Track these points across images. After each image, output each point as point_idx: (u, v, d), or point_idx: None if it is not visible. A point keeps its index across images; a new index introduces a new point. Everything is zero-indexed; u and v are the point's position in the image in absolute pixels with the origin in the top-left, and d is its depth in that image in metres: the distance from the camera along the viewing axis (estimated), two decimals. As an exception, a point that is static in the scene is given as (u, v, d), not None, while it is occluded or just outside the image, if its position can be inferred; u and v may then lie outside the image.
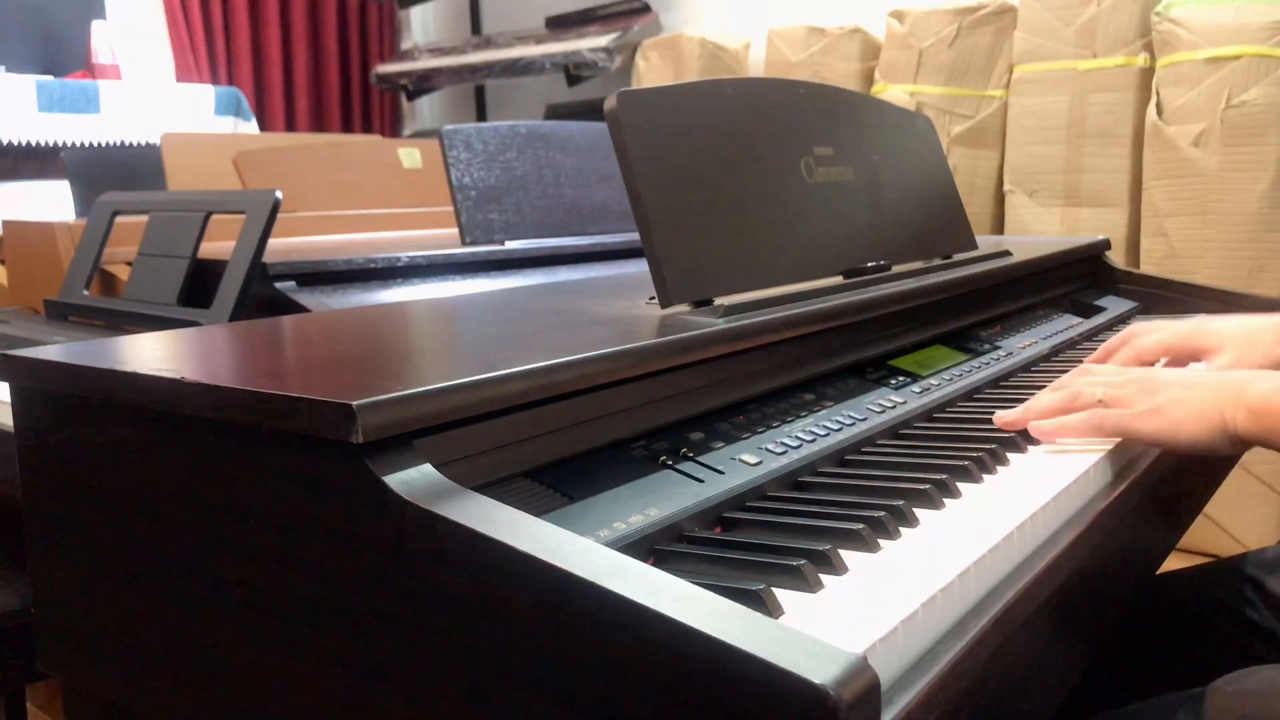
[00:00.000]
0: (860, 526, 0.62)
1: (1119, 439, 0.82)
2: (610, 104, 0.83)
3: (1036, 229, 2.61)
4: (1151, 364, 1.02)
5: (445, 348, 0.82)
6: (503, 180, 1.37)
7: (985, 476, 0.75)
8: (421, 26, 4.68)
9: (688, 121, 0.88)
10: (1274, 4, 2.20)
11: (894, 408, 0.89)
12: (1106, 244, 1.55)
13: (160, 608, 0.65)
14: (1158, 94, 2.36)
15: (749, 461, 0.72)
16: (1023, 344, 1.16)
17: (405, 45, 4.50)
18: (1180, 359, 1.00)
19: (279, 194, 1.17)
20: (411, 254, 1.23)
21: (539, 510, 0.58)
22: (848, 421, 0.83)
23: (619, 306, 0.89)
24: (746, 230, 0.89)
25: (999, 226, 2.73)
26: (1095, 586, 0.77)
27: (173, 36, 3.85)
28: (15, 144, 2.87)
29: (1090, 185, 2.53)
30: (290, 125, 4.23)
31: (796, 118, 1.01)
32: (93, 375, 0.66)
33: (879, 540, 0.63)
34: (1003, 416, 0.84)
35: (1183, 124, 2.30)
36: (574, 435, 0.67)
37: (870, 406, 0.88)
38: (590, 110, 3.47)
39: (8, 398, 0.73)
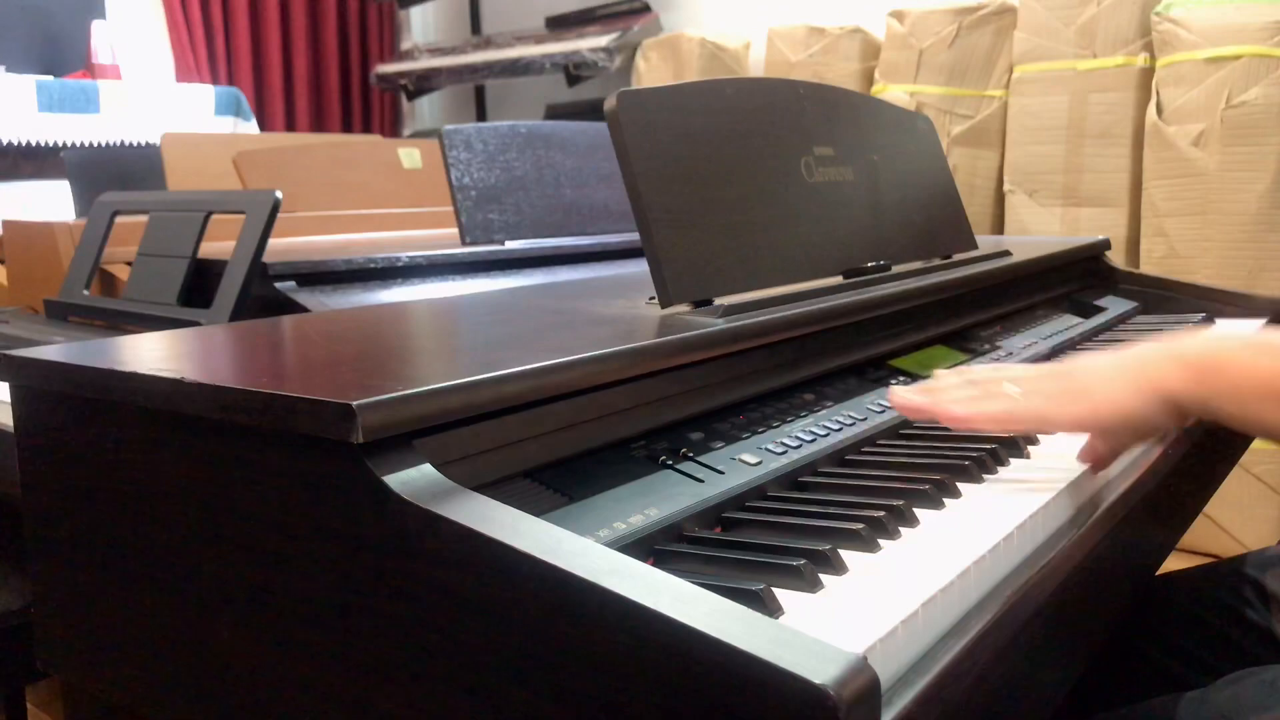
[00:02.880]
0: (860, 526, 0.62)
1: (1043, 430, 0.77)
2: (610, 104, 0.83)
3: (1036, 229, 2.61)
4: None
5: (445, 348, 0.82)
6: (503, 180, 1.37)
7: (985, 476, 0.75)
8: (421, 26, 4.68)
9: (688, 121, 0.88)
10: (1274, 4, 2.20)
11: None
12: (1106, 244, 1.55)
13: (160, 607, 0.65)
14: (1158, 94, 2.36)
15: (749, 461, 0.72)
16: (1023, 344, 1.16)
17: (405, 45, 4.50)
18: None
19: (279, 194, 1.17)
20: (411, 254, 1.23)
21: (539, 510, 0.58)
22: (848, 421, 0.83)
23: (619, 306, 0.89)
24: (746, 230, 0.89)
25: (999, 226, 2.73)
26: (1095, 586, 0.76)
27: (173, 36, 3.85)
28: (15, 144, 2.87)
29: (1090, 185, 2.53)
30: (290, 125, 4.23)
31: (796, 118, 1.01)
32: (93, 375, 0.66)
33: (879, 540, 0.62)
34: (905, 398, 0.77)
35: (1183, 124, 2.30)
36: (574, 435, 0.67)
37: (870, 406, 0.88)
38: (590, 110, 3.47)
39: (8, 398, 0.73)
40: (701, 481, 0.68)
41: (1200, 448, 0.94)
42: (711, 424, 0.76)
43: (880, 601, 0.54)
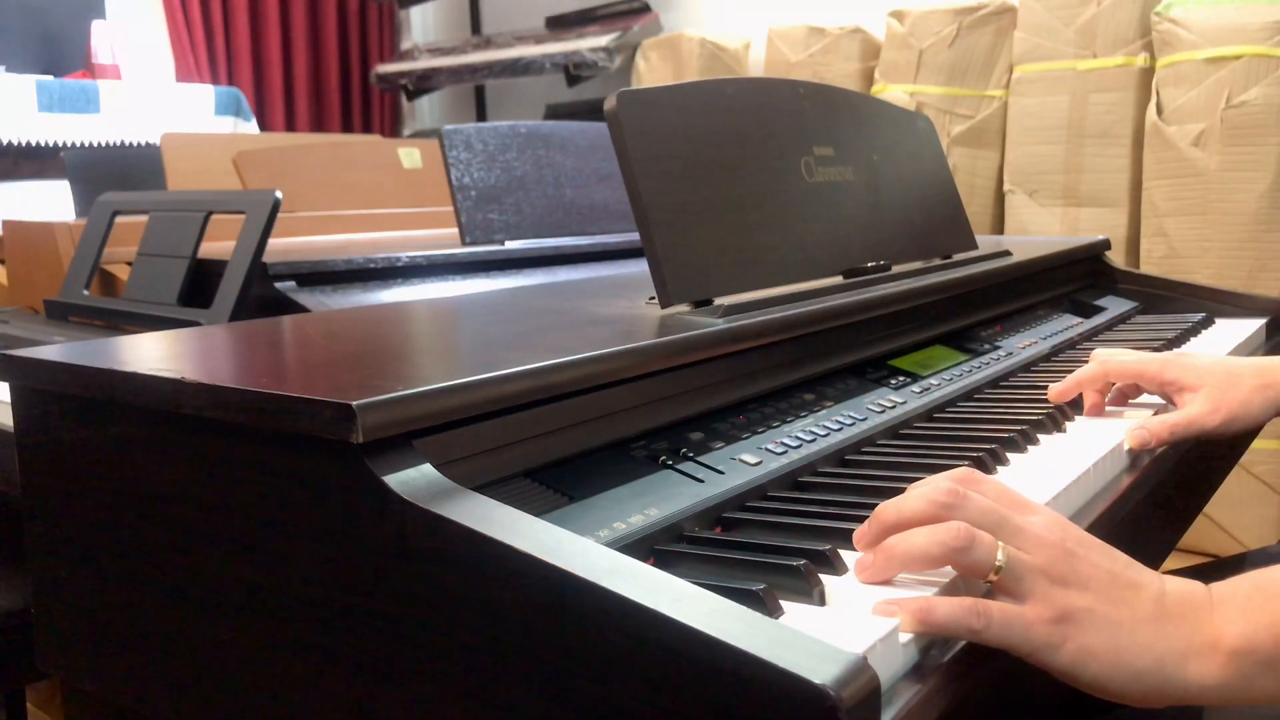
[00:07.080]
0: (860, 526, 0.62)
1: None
2: (610, 104, 0.83)
3: (1036, 229, 2.61)
4: (1128, 392, 0.96)
5: (445, 347, 0.82)
6: (503, 180, 1.37)
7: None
8: (421, 26, 4.68)
9: (688, 121, 0.88)
10: (1274, 4, 2.20)
11: (894, 408, 0.89)
12: (1106, 244, 1.55)
13: (160, 607, 0.65)
14: (1158, 94, 2.36)
15: (749, 461, 0.72)
16: (1023, 344, 1.16)
17: (405, 45, 4.50)
18: (1150, 390, 0.94)
19: (279, 194, 1.17)
20: (411, 254, 1.23)
21: (539, 510, 0.58)
22: (848, 421, 0.83)
23: (619, 306, 0.89)
24: (746, 230, 0.89)
25: (999, 226, 2.73)
26: (1095, 586, 0.76)
27: (173, 36, 3.85)
28: (15, 144, 2.87)
29: (1090, 185, 2.53)
30: (290, 125, 4.23)
31: (796, 118, 1.01)
32: (93, 375, 0.66)
33: (879, 540, 0.62)
34: (861, 535, 0.60)
35: (1183, 124, 2.30)
36: (574, 435, 0.67)
37: (870, 406, 0.88)
38: (590, 110, 3.47)
39: (8, 398, 0.73)
40: (701, 481, 0.68)
41: (1200, 448, 0.94)
42: (711, 424, 0.76)
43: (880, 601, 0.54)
